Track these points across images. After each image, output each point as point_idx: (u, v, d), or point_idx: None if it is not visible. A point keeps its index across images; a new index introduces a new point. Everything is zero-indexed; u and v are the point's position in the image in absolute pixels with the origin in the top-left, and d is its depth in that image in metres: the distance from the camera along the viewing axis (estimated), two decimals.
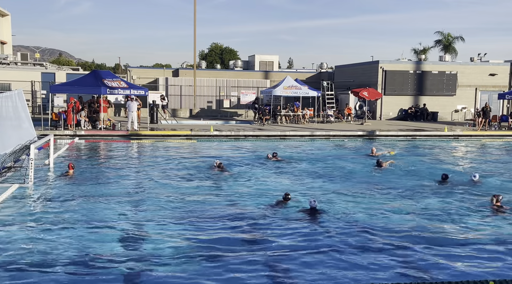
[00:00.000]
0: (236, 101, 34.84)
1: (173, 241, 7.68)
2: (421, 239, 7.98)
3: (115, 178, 12.79)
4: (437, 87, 33.02)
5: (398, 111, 32.98)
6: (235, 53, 74.81)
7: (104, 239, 7.74)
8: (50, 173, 13.09)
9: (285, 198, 10.15)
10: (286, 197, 10.16)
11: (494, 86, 33.63)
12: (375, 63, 33.11)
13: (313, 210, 9.44)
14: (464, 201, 10.66)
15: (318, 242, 7.77)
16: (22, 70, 32.79)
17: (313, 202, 9.55)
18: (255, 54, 41.10)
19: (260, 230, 8.42)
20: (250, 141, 21.70)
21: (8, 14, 48.55)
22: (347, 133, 23.96)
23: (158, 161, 15.61)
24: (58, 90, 24.53)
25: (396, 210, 9.78)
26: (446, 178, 12.74)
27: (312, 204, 9.54)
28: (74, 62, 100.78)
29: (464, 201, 10.62)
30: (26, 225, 8.34)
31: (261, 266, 6.77)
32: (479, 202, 10.53)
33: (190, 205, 9.98)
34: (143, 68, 42.97)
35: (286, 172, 13.91)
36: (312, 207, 9.51)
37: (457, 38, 45.32)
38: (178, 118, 30.25)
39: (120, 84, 23.03)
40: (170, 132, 22.95)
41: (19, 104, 14.40)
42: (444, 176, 12.84)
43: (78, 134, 21.63)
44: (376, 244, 7.70)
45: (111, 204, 9.96)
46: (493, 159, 17.99)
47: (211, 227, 8.48)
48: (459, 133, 25.05)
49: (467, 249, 7.57)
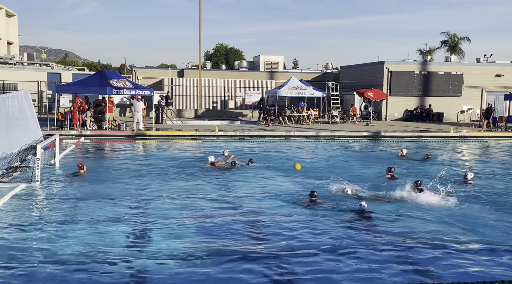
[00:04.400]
0: (241, 101, 34.87)
1: (179, 240, 7.69)
2: (426, 239, 7.94)
3: (121, 178, 12.83)
4: (443, 88, 32.89)
5: (403, 112, 32.89)
6: (240, 53, 74.90)
7: (109, 238, 7.76)
8: (56, 173, 13.15)
9: (311, 195, 10.24)
10: (312, 194, 10.24)
11: (500, 87, 33.46)
12: (380, 64, 33.04)
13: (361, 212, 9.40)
14: (468, 200, 10.61)
15: (329, 242, 7.76)
16: (28, 70, 32.98)
17: (363, 205, 9.47)
18: (260, 54, 41.12)
19: (264, 229, 8.41)
20: (254, 141, 21.70)
21: (15, 15, 48.83)
22: (352, 134, 23.92)
23: (163, 161, 15.64)
24: (64, 91, 24.65)
25: (397, 210, 9.74)
26: (390, 170, 13.12)
27: (361, 206, 9.47)
28: (80, 62, 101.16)
29: (467, 201, 10.57)
30: (32, 224, 8.38)
31: (266, 265, 6.76)
32: (480, 202, 10.49)
33: (196, 205, 9.99)
34: (148, 69, 43.09)
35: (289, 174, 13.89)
36: (361, 209, 9.44)
37: (463, 39, 45.14)
38: (183, 119, 30.30)
39: (125, 85, 23.11)
40: (175, 132, 23.00)
41: (25, 104, 14.49)
42: (389, 168, 13.22)
43: (83, 134, 21.71)
44: (379, 244, 7.68)
45: (116, 204, 9.99)
46: (497, 160, 17.89)
47: (217, 227, 8.48)
48: (465, 135, 24.94)
49: (472, 249, 7.53)
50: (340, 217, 9.23)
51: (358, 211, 9.46)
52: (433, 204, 10.27)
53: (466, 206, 10.21)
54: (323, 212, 9.54)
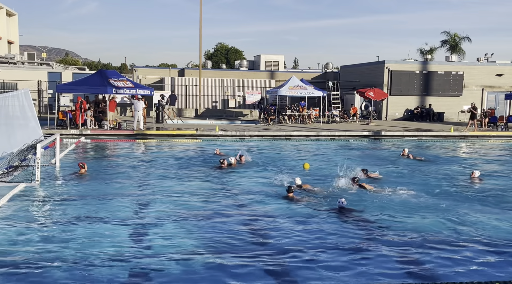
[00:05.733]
0: (242, 101, 34.86)
1: (179, 240, 7.69)
2: (425, 239, 7.93)
3: (121, 177, 12.83)
4: (443, 87, 32.87)
5: (404, 111, 32.88)
6: (241, 53, 74.85)
7: (109, 237, 7.75)
8: (56, 172, 13.15)
9: (288, 190, 10.44)
10: (289, 189, 10.47)
11: (501, 87, 33.44)
12: (381, 64, 33.02)
13: (342, 209, 9.53)
14: (469, 200, 10.61)
15: (326, 241, 7.76)
16: (28, 70, 32.98)
17: (343, 202, 9.58)
18: (261, 54, 41.10)
19: (265, 228, 8.41)
20: (255, 141, 21.70)
21: (15, 14, 48.84)
22: (352, 134, 23.91)
23: (163, 161, 15.64)
24: (65, 90, 24.64)
25: (400, 210, 9.74)
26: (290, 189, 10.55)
27: (341, 204, 9.57)
28: (80, 62, 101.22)
29: (469, 201, 10.56)
30: (32, 224, 8.38)
31: (266, 265, 6.76)
32: (482, 202, 10.48)
33: (197, 204, 9.99)
34: (149, 68, 43.09)
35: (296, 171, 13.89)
36: (341, 206, 9.55)
37: (463, 38, 45.13)
38: (183, 118, 30.30)
39: (126, 84, 23.10)
40: (176, 132, 22.99)
41: (26, 104, 14.47)
42: (288, 188, 10.63)
43: (84, 133, 21.71)
44: (380, 244, 7.67)
45: (117, 203, 9.99)
46: (497, 160, 17.88)
47: (217, 226, 8.47)
48: (465, 134, 24.92)
49: (472, 249, 7.52)
50: (340, 217, 9.23)
51: (338, 209, 9.58)
52: (430, 203, 10.26)
53: (466, 205, 10.20)
54: (314, 210, 9.53)
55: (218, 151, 16.88)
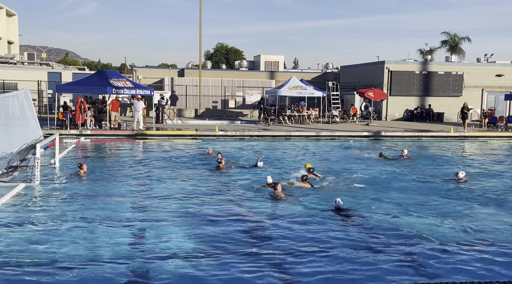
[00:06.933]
0: (241, 101, 34.87)
1: (180, 240, 7.68)
2: (426, 239, 7.93)
3: (121, 177, 12.82)
4: (443, 88, 32.88)
5: (403, 112, 32.88)
6: (241, 53, 74.88)
7: (109, 237, 7.75)
8: (56, 172, 13.15)
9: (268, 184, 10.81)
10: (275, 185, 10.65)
11: (500, 87, 33.44)
12: (381, 64, 33.02)
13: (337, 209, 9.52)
14: (469, 200, 10.61)
15: (324, 241, 7.76)
16: (28, 70, 33.00)
17: (339, 202, 9.58)
18: (261, 54, 41.11)
19: (265, 228, 8.41)
20: (255, 141, 21.70)
21: (15, 14, 48.87)
22: (352, 134, 23.91)
23: (163, 161, 15.64)
24: (64, 90, 24.65)
25: (401, 210, 9.74)
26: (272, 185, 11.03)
27: (338, 203, 9.57)
28: (80, 62, 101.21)
29: (469, 201, 10.56)
30: (31, 224, 8.38)
31: (267, 265, 6.76)
32: (482, 202, 10.48)
33: (197, 204, 9.99)
34: (148, 68, 43.09)
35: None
36: (337, 207, 9.54)
37: (463, 38, 45.13)
38: (183, 118, 30.30)
39: (125, 84, 23.10)
40: (176, 132, 22.99)
41: (26, 104, 14.47)
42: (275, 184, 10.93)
43: (84, 134, 21.70)
44: (380, 244, 7.67)
45: (116, 203, 9.98)
46: (497, 159, 17.88)
47: (218, 226, 8.47)
48: (465, 134, 24.92)
49: (472, 249, 7.52)
50: (332, 216, 9.23)
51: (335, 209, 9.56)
52: (428, 203, 10.26)
53: (465, 205, 10.20)
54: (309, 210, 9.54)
55: (211, 150, 16.80)
